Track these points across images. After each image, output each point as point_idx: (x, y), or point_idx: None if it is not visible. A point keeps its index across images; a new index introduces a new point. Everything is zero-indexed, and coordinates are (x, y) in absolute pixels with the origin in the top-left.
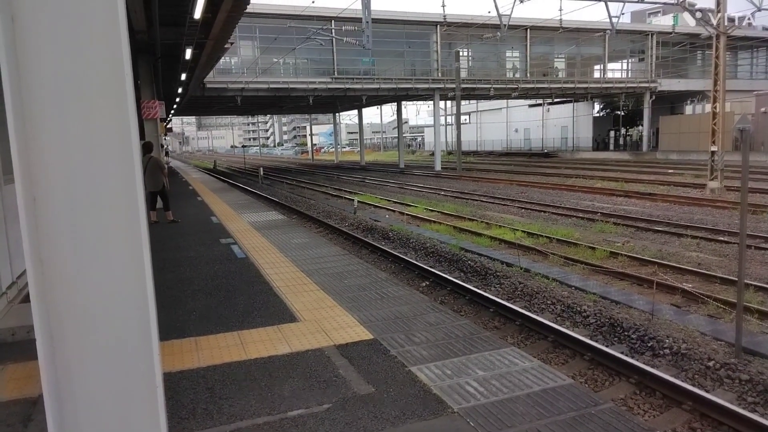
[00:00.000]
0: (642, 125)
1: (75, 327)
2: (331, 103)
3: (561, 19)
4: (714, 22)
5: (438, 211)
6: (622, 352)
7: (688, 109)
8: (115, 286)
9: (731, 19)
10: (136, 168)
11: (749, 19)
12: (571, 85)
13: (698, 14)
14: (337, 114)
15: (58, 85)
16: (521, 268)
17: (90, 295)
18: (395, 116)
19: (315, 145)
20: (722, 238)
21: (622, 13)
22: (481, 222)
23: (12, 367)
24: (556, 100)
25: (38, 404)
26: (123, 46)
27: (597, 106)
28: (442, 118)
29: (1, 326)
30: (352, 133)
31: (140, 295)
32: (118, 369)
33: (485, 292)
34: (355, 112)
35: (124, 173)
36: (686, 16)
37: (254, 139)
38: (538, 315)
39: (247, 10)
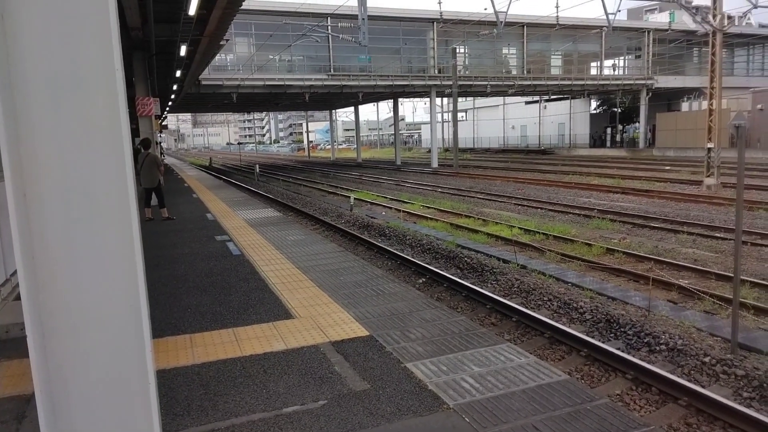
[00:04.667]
0: (639, 122)
1: (67, 324)
2: (327, 100)
3: (558, 16)
4: (710, 19)
5: (435, 208)
6: (618, 348)
7: (685, 106)
8: (107, 283)
9: (728, 17)
10: (127, 164)
11: (748, 18)
12: (568, 82)
13: (695, 13)
14: (333, 111)
15: (48, 81)
16: (518, 265)
17: (82, 293)
18: (392, 113)
19: (311, 142)
20: (718, 235)
21: (619, 10)
22: (478, 219)
23: (6, 364)
24: (552, 97)
25: (32, 401)
26: (113, 41)
27: (594, 103)
28: (439, 115)
29: None
30: (348, 130)
31: (132, 292)
32: (111, 366)
33: (482, 288)
34: (352, 109)
35: (115, 169)
36: (684, 13)
37: (250, 136)
38: (534, 311)
39: (242, 7)
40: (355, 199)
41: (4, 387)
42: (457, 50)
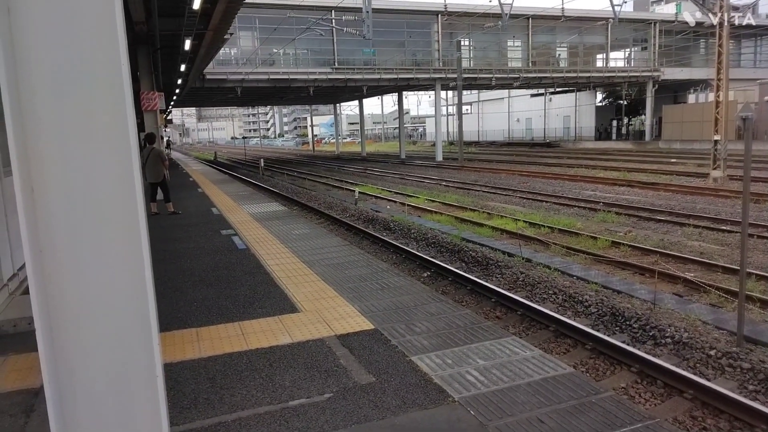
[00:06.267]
0: (645, 114)
1: (75, 318)
2: (331, 93)
3: (563, 8)
4: (717, 11)
5: (439, 202)
6: (623, 342)
7: (691, 98)
8: (114, 277)
9: (735, 8)
10: (134, 158)
11: (751, 11)
12: (574, 75)
13: (701, 4)
14: (337, 105)
15: (54, 76)
16: (523, 258)
17: (89, 286)
18: (396, 107)
19: (316, 136)
20: (724, 228)
21: (625, 2)
22: (483, 212)
23: (14, 358)
24: (558, 89)
25: (40, 395)
26: (119, 35)
27: (599, 96)
28: (444, 109)
29: (3, 318)
30: (353, 123)
31: (139, 285)
32: (118, 360)
33: (486, 282)
34: (356, 102)
35: (121, 163)
36: (690, 5)
37: (255, 130)
38: (539, 305)
39: (246, 0)
40: (359, 193)
41: (12, 381)
42: (462, 43)
